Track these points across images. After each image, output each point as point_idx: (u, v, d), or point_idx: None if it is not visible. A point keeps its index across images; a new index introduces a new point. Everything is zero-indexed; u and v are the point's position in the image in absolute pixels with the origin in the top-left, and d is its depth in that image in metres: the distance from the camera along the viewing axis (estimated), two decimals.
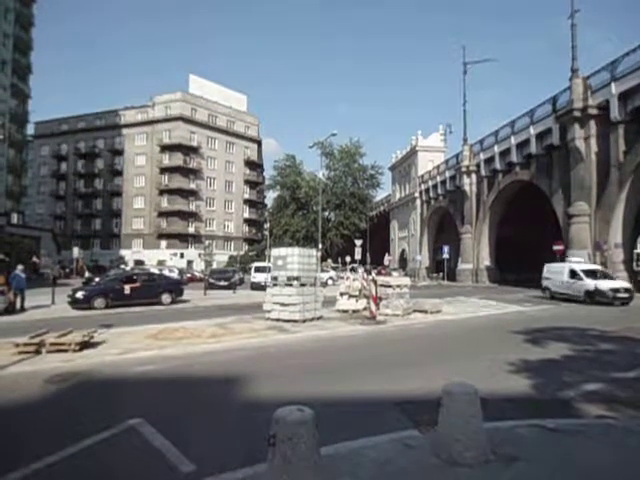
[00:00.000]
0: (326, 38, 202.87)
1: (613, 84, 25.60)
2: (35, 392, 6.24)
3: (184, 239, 65.39)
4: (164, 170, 66.10)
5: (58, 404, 5.88)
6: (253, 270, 31.44)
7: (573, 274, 21.29)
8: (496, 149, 38.93)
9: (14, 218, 40.12)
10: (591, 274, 20.96)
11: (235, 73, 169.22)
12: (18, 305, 16.22)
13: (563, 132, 29.66)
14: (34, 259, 36.42)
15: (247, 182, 75.15)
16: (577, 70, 28.69)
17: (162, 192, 66.07)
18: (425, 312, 15.40)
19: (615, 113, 25.47)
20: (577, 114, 27.66)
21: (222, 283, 30.04)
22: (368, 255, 54.40)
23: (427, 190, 55.55)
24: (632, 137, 25.16)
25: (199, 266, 54.86)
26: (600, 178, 26.99)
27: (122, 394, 6.36)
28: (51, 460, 3.99)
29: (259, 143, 79.20)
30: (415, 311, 15.43)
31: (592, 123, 27.31)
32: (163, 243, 65.24)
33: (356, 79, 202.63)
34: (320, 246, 35.97)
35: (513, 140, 36.00)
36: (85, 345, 8.89)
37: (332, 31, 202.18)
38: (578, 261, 23.71)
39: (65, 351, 8.44)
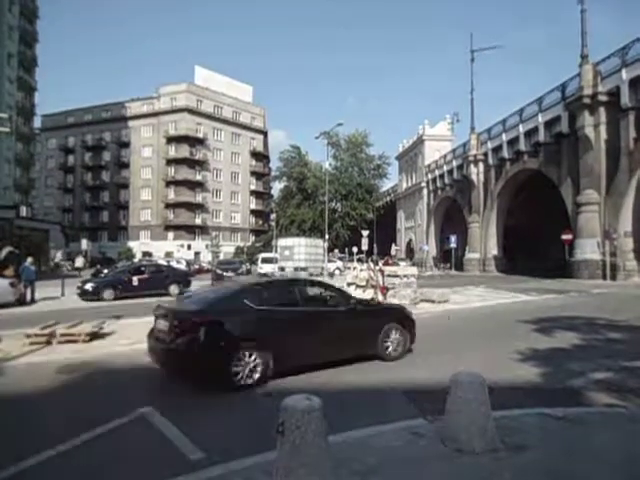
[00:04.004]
0: (334, 29, 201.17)
1: (624, 70, 25.19)
2: (46, 382, 6.33)
3: (191, 230, 65.66)
4: (170, 162, 66.21)
5: (69, 394, 5.97)
6: (260, 261, 31.53)
7: None
8: (504, 137, 38.57)
9: (23, 211, 40.36)
10: None
11: (245, 66, 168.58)
12: (28, 297, 16.42)
13: (572, 120, 29.31)
14: (55, 259, 36.76)
15: (253, 173, 75.14)
16: (587, 56, 28.27)
17: (169, 184, 66.25)
18: (433, 302, 15.38)
19: (625, 99, 25.09)
20: (587, 101, 27.29)
21: (229, 274, 30.17)
22: (375, 245, 54.35)
23: (434, 179, 55.24)
24: None
25: (206, 257, 55.15)
26: (610, 166, 26.68)
27: (132, 384, 6.42)
28: (63, 448, 4.05)
29: (265, 134, 79.00)
30: (422, 301, 15.41)
31: (602, 110, 26.95)
32: (170, 235, 65.56)
33: (364, 70, 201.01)
34: (327, 237, 35.99)
35: (521, 128, 35.63)
36: (95, 336, 8.98)
37: (340, 22, 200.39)
38: None
39: (75, 342, 8.54)
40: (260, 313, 6.16)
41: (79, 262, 30.36)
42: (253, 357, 5.85)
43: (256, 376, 5.84)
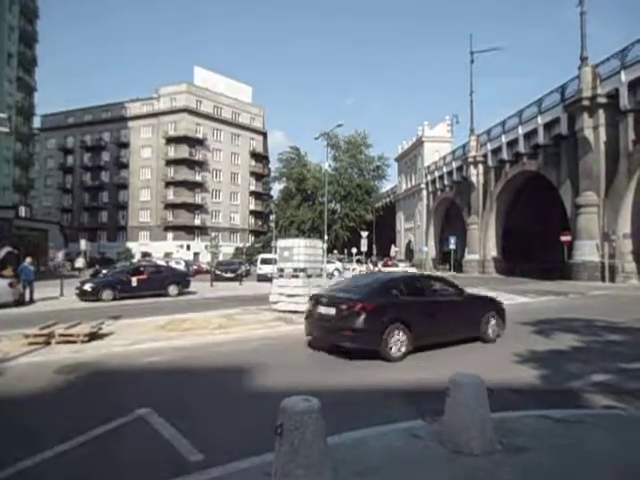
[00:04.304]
0: (334, 31, 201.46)
1: (623, 72, 25.24)
2: (45, 382, 6.32)
3: (190, 231, 65.67)
4: (170, 162, 66.24)
5: (67, 394, 5.96)
6: (259, 262, 31.51)
7: None
8: (503, 139, 38.60)
9: (22, 211, 40.36)
10: None
11: (244, 67, 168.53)
12: (27, 297, 16.40)
13: (571, 122, 29.34)
14: (55, 258, 36.62)
15: (253, 174, 75.17)
16: (586, 58, 28.32)
17: (168, 184, 66.25)
18: None
19: (625, 102, 25.13)
20: (586, 103, 27.33)
21: (228, 275, 30.19)
22: (374, 246, 54.36)
23: (433, 181, 55.26)
24: None
25: (205, 258, 55.13)
26: (609, 168, 26.72)
27: (130, 384, 6.42)
28: (61, 449, 4.05)
29: (264, 135, 79.04)
30: None
31: (601, 112, 27.00)
32: (169, 235, 65.56)
33: (364, 71, 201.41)
34: (326, 237, 35.97)
35: (521, 130, 35.67)
36: (93, 336, 8.97)
37: (340, 23, 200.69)
38: None
39: (74, 342, 8.53)
40: (403, 301, 7.96)
41: (79, 263, 30.37)
42: (401, 335, 7.42)
43: (403, 349, 7.42)
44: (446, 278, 10.96)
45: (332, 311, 7.65)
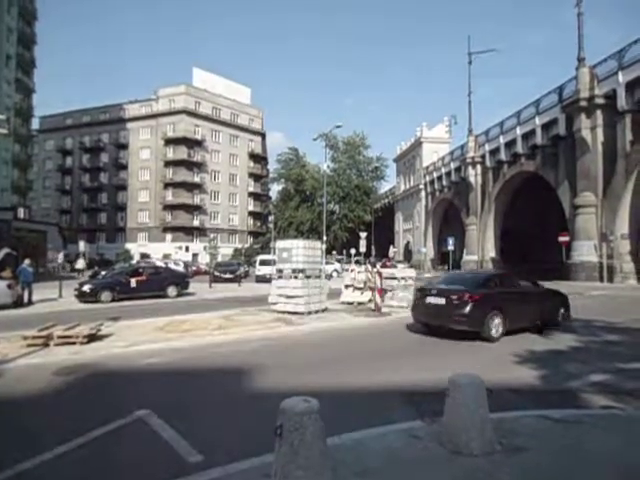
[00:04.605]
0: (333, 32, 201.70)
1: (620, 73, 25.32)
2: (44, 384, 6.31)
3: (189, 232, 65.60)
4: (168, 163, 66.16)
5: (66, 396, 5.95)
6: (258, 263, 31.53)
7: None
8: (501, 140, 38.67)
9: (20, 213, 40.24)
10: None
11: (243, 68, 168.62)
12: (26, 298, 16.36)
13: (569, 122, 29.42)
14: (55, 259, 36.54)
15: (251, 175, 75.13)
16: (583, 59, 28.39)
17: (167, 185, 66.17)
18: None
19: (622, 102, 25.21)
20: (583, 104, 27.41)
21: (227, 276, 30.18)
22: (373, 247, 54.37)
23: (432, 182, 55.34)
24: (639, 126, 24.90)
25: (204, 259, 55.07)
26: (606, 168, 26.79)
27: (129, 386, 6.41)
28: (60, 451, 4.04)
29: (263, 136, 79.03)
30: None
31: (599, 113, 27.07)
32: (168, 236, 65.44)
33: (363, 72, 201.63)
34: (325, 238, 35.96)
35: (519, 131, 35.74)
36: (92, 338, 8.95)
37: (339, 25, 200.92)
38: None
39: (73, 344, 8.51)
40: (498, 292, 9.67)
41: (80, 264, 30.35)
42: (498, 320, 9.07)
43: (500, 331, 9.08)
44: (527, 276, 12.74)
45: (442, 301, 9.44)
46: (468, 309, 8.94)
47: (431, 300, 9.78)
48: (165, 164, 66.31)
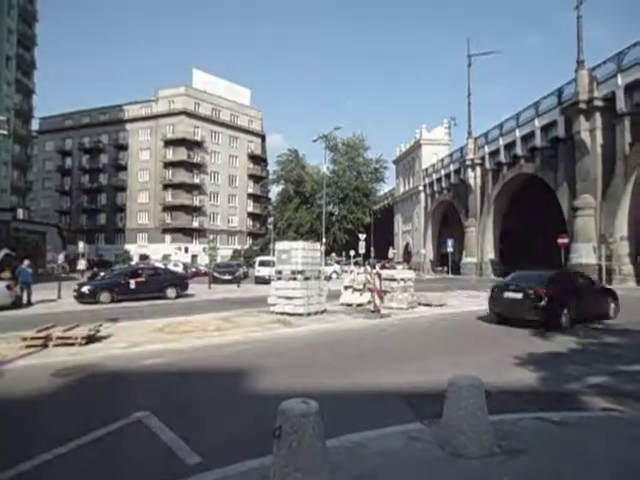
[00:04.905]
0: (333, 33, 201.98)
1: (619, 75, 25.37)
2: (42, 385, 6.30)
3: (188, 233, 65.56)
4: (168, 165, 66.16)
5: (65, 397, 5.94)
6: (257, 264, 31.51)
7: None
8: (501, 142, 38.72)
9: (20, 213, 40.29)
10: None
11: (242, 70, 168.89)
12: (25, 299, 16.34)
13: (568, 124, 29.46)
14: (57, 260, 36.55)
15: (251, 176, 75.12)
16: (583, 61, 28.44)
17: (166, 187, 66.16)
18: (430, 305, 15.41)
19: (621, 105, 25.25)
20: (583, 106, 27.45)
21: (226, 277, 30.19)
22: (372, 249, 54.38)
23: (431, 183, 55.39)
24: (638, 129, 24.95)
25: (203, 260, 55.06)
26: (606, 170, 26.82)
27: (128, 387, 6.40)
28: (59, 452, 4.03)
29: (263, 137, 79.06)
30: (420, 304, 15.43)
31: (598, 115, 27.11)
32: (167, 237, 65.44)
33: (362, 74, 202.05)
34: (324, 240, 35.95)
35: (518, 133, 35.79)
36: (91, 339, 8.94)
37: (339, 26, 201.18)
38: None
39: (72, 345, 8.50)
40: (565, 287, 11.35)
41: (81, 265, 30.40)
42: (567, 311, 10.67)
43: (568, 321, 10.63)
44: (584, 273, 15.15)
45: (519, 295, 10.96)
46: (543, 302, 10.37)
47: (509, 295, 11.25)
48: (165, 165, 66.31)
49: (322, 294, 13.87)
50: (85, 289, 17.21)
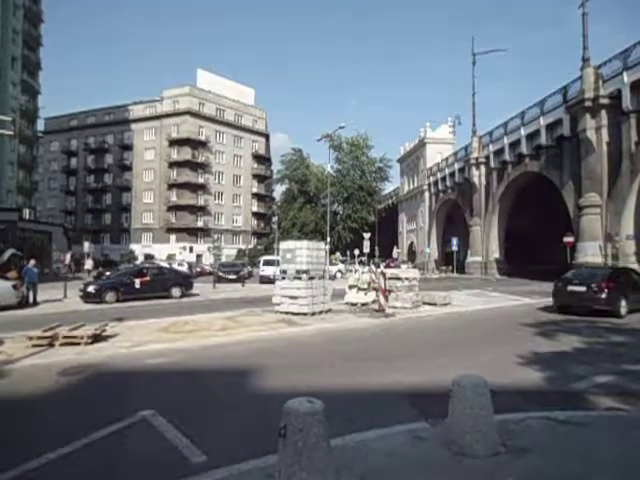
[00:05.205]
0: (337, 33, 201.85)
1: (625, 73, 25.17)
2: (49, 384, 6.34)
3: (193, 233, 65.70)
4: (173, 164, 66.28)
5: (71, 396, 5.98)
6: (262, 263, 31.54)
7: None
8: (505, 140, 38.53)
9: (26, 213, 40.50)
10: None
11: (247, 69, 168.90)
12: (31, 299, 16.45)
13: (574, 123, 29.25)
14: (64, 260, 36.65)
15: (255, 176, 75.16)
16: (588, 59, 28.23)
17: (171, 186, 66.29)
18: (434, 305, 15.38)
19: (627, 103, 25.06)
20: (588, 104, 27.24)
21: (231, 276, 30.25)
22: (377, 248, 54.33)
23: (436, 182, 55.20)
24: None
25: (208, 260, 55.21)
26: (611, 169, 26.63)
27: (134, 386, 6.43)
28: (65, 451, 4.06)
29: (267, 137, 79.12)
30: (424, 304, 15.41)
31: (603, 113, 26.90)
32: (172, 237, 65.59)
33: (366, 74, 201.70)
34: (328, 239, 35.94)
35: (523, 131, 35.59)
36: (97, 338, 8.99)
37: (342, 26, 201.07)
38: None
39: (77, 344, 8.55)
40: (622, 281, 13.32)
41: (88, 264, 30.63)
42: (624, 302, 12.61)
43: (625, 310, 12.57)
44: (638, 270, 16.39)
45: (583, 288, 12.96)
46: (604, 294, 12.42)
47: (573, 288, 13.21)
48: (169, 165, 66.46)
49: (327, 293, 13.86)
50: (91, 289, 17.29)
